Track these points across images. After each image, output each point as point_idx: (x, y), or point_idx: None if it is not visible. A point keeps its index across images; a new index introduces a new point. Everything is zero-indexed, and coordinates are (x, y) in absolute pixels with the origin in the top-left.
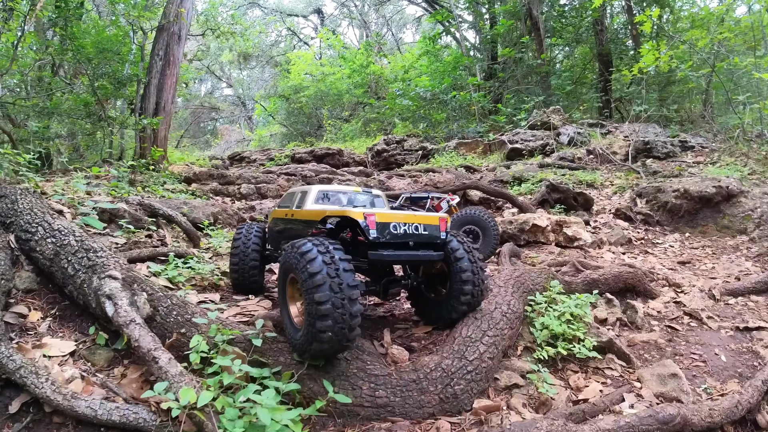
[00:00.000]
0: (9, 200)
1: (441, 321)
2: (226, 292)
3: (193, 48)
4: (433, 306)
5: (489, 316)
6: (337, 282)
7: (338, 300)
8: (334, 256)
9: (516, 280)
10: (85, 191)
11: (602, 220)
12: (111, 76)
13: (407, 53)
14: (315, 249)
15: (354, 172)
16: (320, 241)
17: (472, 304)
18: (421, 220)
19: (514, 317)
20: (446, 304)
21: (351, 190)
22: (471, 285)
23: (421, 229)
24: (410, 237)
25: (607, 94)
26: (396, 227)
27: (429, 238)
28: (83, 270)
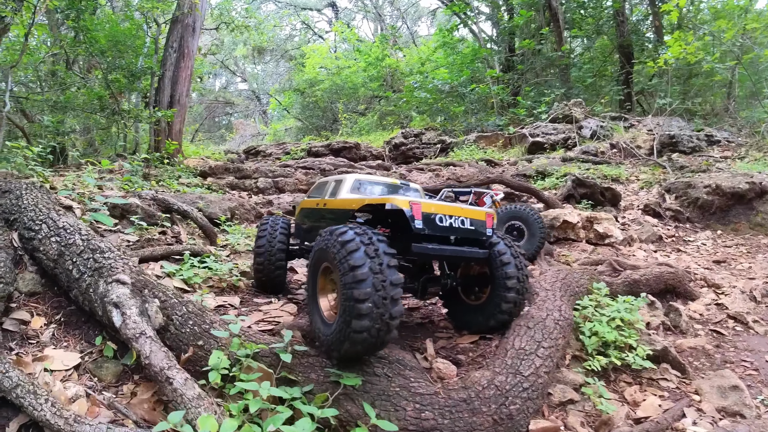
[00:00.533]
0: (13, 195)
1: (476, 328)
2: (246, 294)
3: (207, 42)
4: (469, 311)
5: (542, 325)
6: (380, 279)
7: (380, 299)
8: (378, 248)
9: (562, 282)
10: (96, 185)
11: (630, 216)
12: (125, 69)
13: (423, 46)
14: (358, 239)
15: (372, 166)
16: (363, 230)
17: (513, 312)
18: (467, 213)
19: (566, 324)
20: (485, 310)
21: (389, 181)
22: (515, 293)
23: (468, 223)
24: (456, 231)
25: (629, 86)
26: (442, 219)
27: (475, 234)
28: (89, 273)
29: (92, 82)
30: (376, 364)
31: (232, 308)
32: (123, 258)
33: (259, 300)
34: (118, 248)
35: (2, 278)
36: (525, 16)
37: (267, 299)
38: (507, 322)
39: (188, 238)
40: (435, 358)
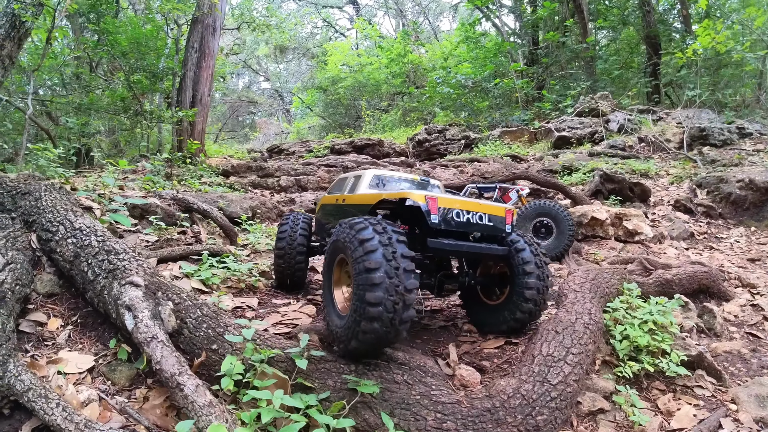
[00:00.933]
0: (33, 197)
1: (494, 329)
2: (264, 295)
3: (229, 42)
4: (487, 311)
5: (571, 330)
6: (394, 283)
7: (391, 304)
8: (396, 250)
9: (592, 283)
10: (116, 186)
11: (660, 212)
12: (146, 70)
13: (445, 41)
14: (376, 238)
15: (395, 162)
16: (383, 228)
17: (533, 313)
18: (486, 209)
19: (596, 329)
20: (503, 311)
21: (408, 177)
22: (535, 293)
23: (486, 219)
24: (473, 227)
25: (657, 78)
26: (459, 215)
27: (493, 230)
28: (103, 274)
29: (115, 84)
30: (396, 370)
31: (249, 310)
32: (137, 260)
33: (278, 301)
34: (133, 249)
35: (19, 280)
36: (549, 8)
37: (285, 300)
38: (525, 324)
39: (208, 238)
40: (458, 365)
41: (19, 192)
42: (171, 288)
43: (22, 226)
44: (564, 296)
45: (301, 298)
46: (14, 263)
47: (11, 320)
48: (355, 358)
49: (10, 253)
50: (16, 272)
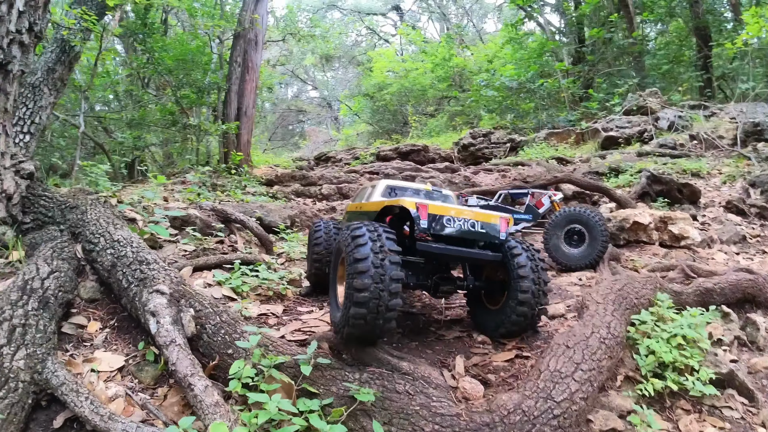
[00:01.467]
0: (79, 211)
1: (493, 333)
2: (291, 302)
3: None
4: (488, 315)
5: (584, 344)
6: (379, 272)
7: (377, 290)
8: (384, 245)
9: (617, 294)
10: (156, 199)
11: (711, 214)
12: (192, 85)
13: (489, 43)
14: (367, 235)
15: (439, 168)
16: (375, 227)
17: (529, 317)
18: (478, 216)
19: (614, 344)
20: (501, 315)
21: (420, 187)
22: (530, 295)
23: (478, 226)
24: (464, 233)
25: (708, 71)
26: (450, 221)
27: (485, 237)
28: (135, 283)
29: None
30: (398, 380)
31: (273, 317)
32: (166, 269)
33: (302, 309)
34: (163, 260)
35: (62, 287)
36: (592, 3)
37: (309, 308)
38: (522, 327)
39: (245, 247)
40: (463, 377)
41: (68, 206)
42: (194, 296)
43: (69, 238)
44: (585, 308)
45: (325, 305)
46: (58, 272)
47: (53, 323)
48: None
49: (55, 263)
50: (59, 280)
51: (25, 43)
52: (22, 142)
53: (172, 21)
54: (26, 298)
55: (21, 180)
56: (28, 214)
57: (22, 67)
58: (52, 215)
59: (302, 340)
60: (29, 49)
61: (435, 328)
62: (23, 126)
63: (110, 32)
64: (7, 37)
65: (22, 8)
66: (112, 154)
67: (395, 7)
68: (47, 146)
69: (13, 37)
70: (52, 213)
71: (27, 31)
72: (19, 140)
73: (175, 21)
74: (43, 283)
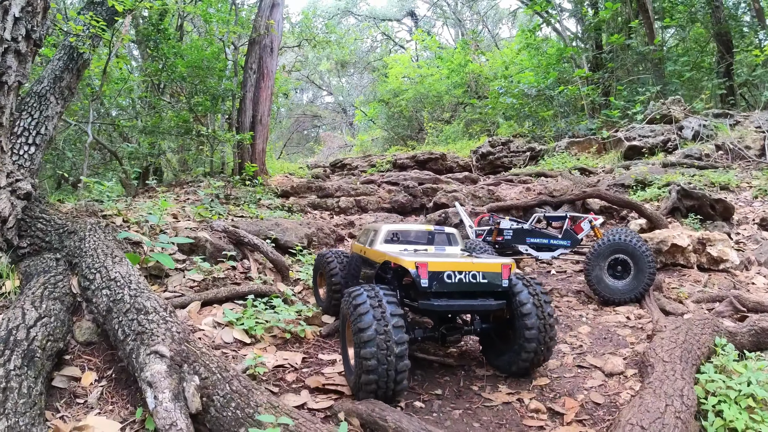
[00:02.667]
0: (78, 237)
1: (508, 370)
2: (311, 346)
3: (291, 59)
4: (500, 353)
5: (660, 423)
6: (384, 339)
7: (384, 356)
8: (385, 311)
9: (683, 348)
10: (171, 215)
11: (746, 232)
12: (206, 92)
13: (505, 49)
14: (368, 302)
15: (459, 178)
16: (375, 293)
17: (539, 353)
18: (479, 267)
19: (689, 416)
20: (511, 353)
21: (421, 229)
22: (536, 331)
23: (480, 277)
24: (466, 286)
25: (730, 79)
26: (450, 276)
27: (488, 286)
28: (132, 336)
29: (180, 106)
30: None
31: (291, 369)
32: (167, 321)
33: (324, 356)
34: (164, 307)
35: (51, 335)
36: (611, 8)
37: (331, 354)
38: (534, 363)
39: (258, 274)
40: None
41: (66, 231)
42: (199, 357)
43: (66, 268)
44: (650, 367)
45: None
46: (48, 316)
47: (39, 382)
48: None
49: (45, 305)
50: (48, 327)
51: (21, 51)
52: (27, 154)
53: (188, 27)
54: (8, 354)
55: (17, 201)
56: (25, 238)
57: (19, 78)
58: (50, 240)
59: (327, 408)
60: (27, 58)
61: (478, 388)
62: (28, 137)
63: (121, 38)
64: (1, 46)
65: (18, 14)
66: (127, 161)
67: (410, 12)
68: (59, 154)
69: (8, 46)
70: (49, 238)
71: (24, 39)
72: (23, 152)
73: (191, 27)
74: (29, 333)
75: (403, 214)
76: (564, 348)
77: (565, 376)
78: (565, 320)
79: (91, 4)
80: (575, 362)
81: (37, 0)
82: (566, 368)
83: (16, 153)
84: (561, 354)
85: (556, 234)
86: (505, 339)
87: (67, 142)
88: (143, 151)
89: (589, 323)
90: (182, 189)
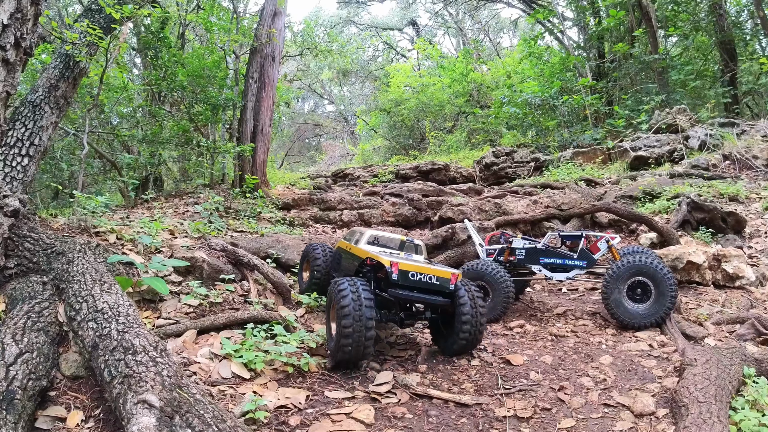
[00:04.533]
0: (66, 259)
1: (448, 351)
2: (316, 382)
3: (293, 68)
4: (443, 338)
5: None
6: (358, 314)
7: (358, 326)
8: (360, 295)
9: (716, 386)
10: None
11: (758, 245)
12: (206, 102)
13: (507, 58)
14: (348, 288)
15: (463, 189)
16: (354, 282)
17: (470, 341)
18: (435, 272)
19: None
20: (451, 338)
21: (396, 237)
22: (469, 326)
23: (434, 279)
24: (423, 284)
25: (735, 87)
26: (414, 275)
27: (439, 287)
28: (119, 378)
29: (180, 116)
30: None
31: (294, 411)
32: (157, 364)
33: (330, 394)
34: (154, 346)
35: (33, 374)
36: (616, 17)
37: (338, 390)
38: (467, 346)
39: (258, 296)
40: None
41: (54, 251)
42: (193, 407)
43: (53, 293)
44: (684, 408)
45: (357, 385)
46: (30, 352)
47: (20, 427)
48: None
49: (27, 338)
50: (30, 364)
51: (10, 60)
52: (20, 166)
53: (189, 36)
54: None
55: (4, 218)
56: (12, 257)
57: (7, 88)
58: (38, 260)
59: None
60: (15, 67)
61: None
62: (21, 148)
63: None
64: None
65: (6, 21)
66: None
67: (411, 22)
68: (57, 164)
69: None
70: (37, 258)
71: (13, 47)
72: (16, 163)
73: (192, 35)
74: (8, 372)
75: (408, 228)
76: (587, 382)
77: (591, 417)
78: (584, 348)
79: (88, 12)
80: (601, 399)
81: (28, 6)
82: (592, 407)
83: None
84: (584, 389)
85: (571, 254)
86: (449, 327)
87: (66, 151)
88: (143, 160)
89: (610, 352)
90: (181, 200)
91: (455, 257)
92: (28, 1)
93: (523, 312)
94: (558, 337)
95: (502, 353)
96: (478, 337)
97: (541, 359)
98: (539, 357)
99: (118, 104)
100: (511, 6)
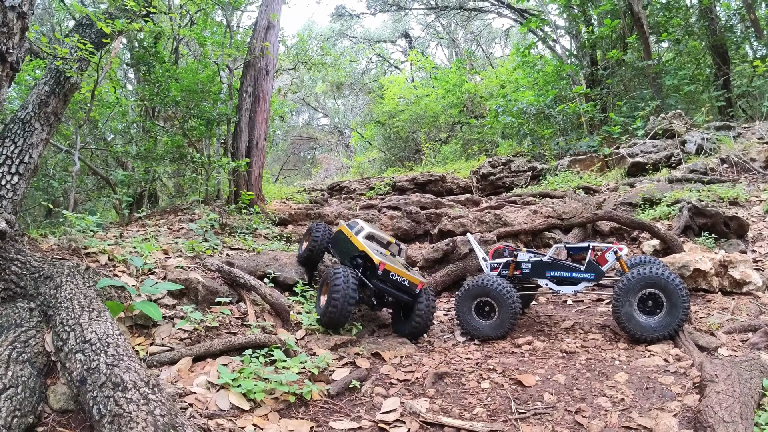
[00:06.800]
0: (54, 284)
1: (403, 334)
2: (319, 412)
3: (287, 82)
4: (401, 323)
5: None
6: (345, 291)
7: (343, 299)
8: (349, 278)
9: (741, 403)
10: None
11: (762, 249)
12: (200, 116)
13: (500, 68)
14: (341, 273)
15: (461, 200)
16: (345, 269)
17: (421, 328)
18: (408, 277)
19: None
20: (407, 324)
21: (385, 237)
22: (421, 319)
23: (406, 282)
24: (397, 283)
25: (729, 90)
26: (393, 275)
27: (408, 289)
28: (109, 417)
29: (173, 131)
30: None
31: None
32: (149, 402)
33: (336, 424)
34: (146, 380)
35: (18, 410)
36: (610, 26)
37: (344, 421)
38: (419, 332)
39: (257, 319)
40: None
41: (42, 275)
42: None
43: (41, 320)
44: (711, 429)
45: (363, 413)
46: (15, 386)
47: None
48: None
49: (11, 371)
50: (15, 400)
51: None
52: (9, 184)
53: (183, 50)
54: None
55: None
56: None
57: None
58: (25, 285)
59: None
60: (1, 82)
61: None
62: (11, 166)
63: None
64: None
65: None
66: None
67: (404, 34)
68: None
69: None
70: (24, 282)
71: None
72: (5, 182)
73: (186, 50)
74: None
75: (407, 241)
76: (604, 402)
77: None
78: (597, 365)
79: (79, 27)
80: (621, 422)
81: (14, 20)
82: (612, 431)
83: None
84: (603, 411)
85: (579, 266)
86: (407, 316)
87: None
88: (137, 176)
89: (625, 368)
90: (176, 216)
91: (457, 271)
92: (15, 15)
93: (530, 327)
94: (569, 353)
95: (512, 373)
96: (425, 328)
97: (553, 378)
98: (551, 376)
99: (112, 120)
100: (503, 16)
